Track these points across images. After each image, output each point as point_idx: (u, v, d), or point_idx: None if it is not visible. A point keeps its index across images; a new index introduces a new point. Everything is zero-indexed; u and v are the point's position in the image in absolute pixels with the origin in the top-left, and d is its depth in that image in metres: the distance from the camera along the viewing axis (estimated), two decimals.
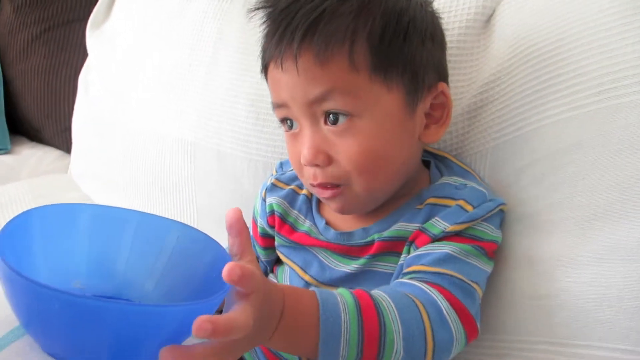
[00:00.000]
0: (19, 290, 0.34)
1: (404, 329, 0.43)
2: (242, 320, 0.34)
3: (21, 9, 1.38)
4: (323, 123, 0.51)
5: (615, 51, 0.50)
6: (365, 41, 0.49)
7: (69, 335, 0.35)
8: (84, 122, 1.13)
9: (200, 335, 0.32)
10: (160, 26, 0.94)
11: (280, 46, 0.50)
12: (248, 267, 0.35)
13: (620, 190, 0.48)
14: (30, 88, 1.38)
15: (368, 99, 0.50)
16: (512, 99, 0.58)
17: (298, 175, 0.58)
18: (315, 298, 0.42)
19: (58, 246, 0.43)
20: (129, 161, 0.95)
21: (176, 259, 0.45)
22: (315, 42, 0.48)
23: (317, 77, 0.49)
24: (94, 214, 0.46)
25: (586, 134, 0.51)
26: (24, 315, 0.37)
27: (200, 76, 0.83)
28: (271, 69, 0.53)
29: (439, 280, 0.48)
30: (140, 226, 0.46)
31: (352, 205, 0.54)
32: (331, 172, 0.52)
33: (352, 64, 0.49)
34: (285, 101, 0.52)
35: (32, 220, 0.40)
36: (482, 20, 0.64)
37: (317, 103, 0.50)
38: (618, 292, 0.47)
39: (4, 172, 1.31)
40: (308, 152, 0.51)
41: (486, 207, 0.52)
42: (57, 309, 0.33)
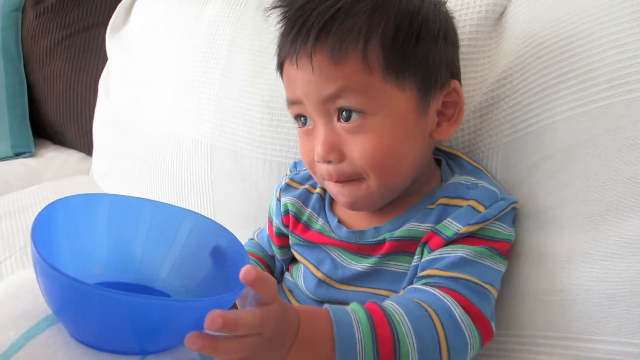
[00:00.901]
0: (54, 283, 0.36)
1: (417, 341, 0.43)
2: (248, 318, 0.36)
3: (43, 15, 1.42)
4: (336, 120, 0.52)
5: (627, 46, 0.50)
6: (378, 41, 0.50)
7: (98, 325, 0.37)
8: (104, 125, 1.16)
9: (211, 328, 0.33)
10: (176, 30, 0.96)
11: (295, 44, 0.51)
12: (264, 273, 0.36)
13: (633, 185, 0.48)
14: (52, 92, 1.42)
15: (381, 99, 0.51)
16: (523, 96, 0.58)
17: (310, 171, 0.58)
18: (329, 318, 0.43)
19: (80, 234, 0.45)
20: (148, 162, 0.97)
21: (190, 245, 0.46)
22: (330, 41, 0.49)
23: (331, 76, 0.50)
24: (112, 204, 0.47)
25: (598, 129, 0.51)
26: (55, 305, 0.39)
27: (216, 79, 0.85)
28: (286, 67, 0.54)
29: (454, 285, 0.48)
30: (156, 214, 0.48)
31: (363, 201, 0.55)
32: (344, 169, 0.52)
33: (366, 63, 0.49)
34: (300, 98, 0.53)
35: (57, 211, 0.42)
36: (493, 17, 0.64)
37: (331, 100, 0.51)
38: (631, 287, 0.47)
39: (28, 174, 1.35)
40: (321, 149, 0.52)
41: (498, 207, 0.52)
42: (90, 302, 0.35)
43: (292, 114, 0.57)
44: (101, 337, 0.38)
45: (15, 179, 1.31)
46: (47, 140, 1.54)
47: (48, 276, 0.36)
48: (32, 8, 1.45)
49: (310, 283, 0.59)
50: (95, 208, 0.46)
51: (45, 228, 0.40)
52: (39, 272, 0.37)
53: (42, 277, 0.37)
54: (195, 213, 0.48)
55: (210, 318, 0.33)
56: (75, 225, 0.44)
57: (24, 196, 1.14)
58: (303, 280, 0.61)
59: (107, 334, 0.38)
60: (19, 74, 1.45)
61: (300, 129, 0.57)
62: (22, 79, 1.45)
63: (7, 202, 1.11)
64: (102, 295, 0.34)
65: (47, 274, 0.36)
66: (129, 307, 0.35)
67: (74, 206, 0.44)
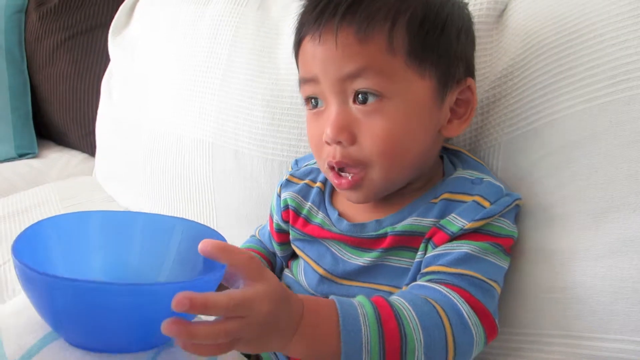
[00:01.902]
0: (35, 286, 0.37)
1: (425, 337, 0.43)
2: (220, 299, 0.35)
3: (46, 17, 1.43)
4: (352, 102, 0.52)
5: (628, 42, 0.50)
6: (405, 25, 0.50)
7: (88, 324, 0.37)
8: (107, 125, 1.17)
9: (179, 309, 0.33)
10: (178, 31, 0.96)
11: (320, 19, 0.51)
12: (230, 245, 0.38)
13: (634, 182, 0.47)
14: (55, 93, 1.43)
15: (401, 83, 0.51)
16: (524, 93, 0.57)
17: (315, 157, 0.58)
18: (336, 309, 0.43)
19: (74, 253, 0.45)
20: (150, 162, 0.98)
21: (182, 252, 0.47)
22: (357, 19, 0.49)
23: (354, 53, 0.50)
24: (103, 220, 0.48)
25: (599, 126, 0.50)
26: (45, 312, 0.39)
27: (217, 79, 0.85)
28: (305, 43, 0.53)
29: (459, 281, 0.48)
30: (147, 226, 0.48)
31: (367, 194, 0.54)
32: (352, 152, 0.52)
33: (391, 45, 0.50)
34: (317, 75, 0.52)
35: (45, 230, 0.43)
36: (494, 15, 0.64)
37: (350, 80, 0.50)
38: (633, 285, 0.46)
39: (32, 175, 1.36)
40: (333, 127, 0.51)
41: (503, 203, 0.52)
42: (71, 297, 0.36)
43: (303, 95, 0.56)
44: (97, 337, 0.39)
45: (19, 179, 1.32)
46: (51, 141, 1.54)
47: (29, 280, 0.37)
48: (35, 10, 1.46)
49: (312, 279, 0.59)
50: (86, 225, 0.47)
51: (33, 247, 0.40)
52: (26, 283, 0.37)
53: (27, 287, 0.38)
54: (184, 219, 0.49)
55: (176, 300, 0.33)
56: (67, 245, 0.45)
57: (28, 197, 1.15)
58: (304, 276, 0.60)
59: (100, 332, 0.38)
60: (22, 75, 1.46)
61: (309, 111, 0.56)
62: (25, 81, 1.46)
63: (10, 202, 1.12)
64: (74, 285, 0.35)
65: (28, 279, 0.36)
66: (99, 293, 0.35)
67: (64, 225, 0.45)
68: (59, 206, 1.10)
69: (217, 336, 0.36)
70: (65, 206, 1.10)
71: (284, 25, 0.79)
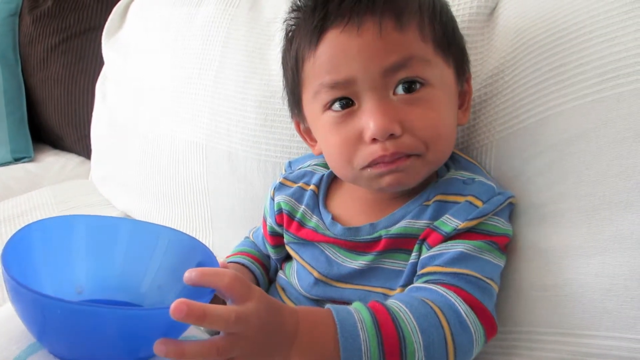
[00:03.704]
0: (24, 302, 0.37)
1: (424, 338, 0.43)
2: (220, 313, 0.35)
3: (40, 20, 1.43)
4: (392, 93, 0.51)
5: (617, 39, 0.50)
6: (430, 16, 0.52)
7: (72, 338, 0.38)
8: (102, 128, 1.17)
9: (176, 315, 0.33)
10: (170, 32, 0.96)
11: (356, 9, 0.49)
12: (210, 270, 0.37)
13: (625, 179, 0.47)
14: (50, 96, 1.43)
15: (437, 69, 0.52)
16: (515, 91, 0.58)
17: (343, 165, 0.54)
18: (332, 318, 0.43)
19: (58, 256, 0.46)
20: (145, 165, 0.98)
21: (168, 261, 0.47)
22: (396, 7, 0.50)
23: (398, 42, 0.49)
24: (89, 224, 0.48)
25: (589, 124, 0.50)
26: (32, 325, 0.40)
27: (210, 80, 0.85)
28: (332, 38, 0.50)
29: (456, 280, 0.48)
30: (133, 233, 0.49)
31: (414, 177, 0.53)
32: (406, 141, 0.50)
33: (423, 34, 0.51)
34: (353, 72, 0.50)
35: (32, 234, 0.43)
36: (485, 13, 0.64)
37: (394, 71, 0.50)
38: (624, 282, 0.46)
39: (28, 179, 1.36)
40: (382, 121, 0.48)
41: (496, 201, 0.52)
42: (59, 316, 0.36)
43: (329, 98, 0.52)
44: (82, 351, 0.39)
45: (15, 183, 1.32)
46: (46, 144, 1.55)
47: (18, 295, 0.37)
48: (28, 13, 1.46)
49: (306, 282, 0.59)
50: (71, 229, 0.47)
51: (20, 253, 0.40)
52: (14, 297, 0.38)
53: (16, 301, 0.38)
54: (170, 229, 0.49)
55: (174, 305, 0.33)
56: (51, 248, 0.45)
57: (24, 201, 1.15)
58: (297, 278, 0.60)
59: (86, 347, 0.38)
60: (16, 79, 1.46)
61: (333, 115, 0.52)
62: (20, 84, 1.47)
63: (7, 207, 1.12)
64: (63, 306, 0.35)
65: (17, 293, 0.37)
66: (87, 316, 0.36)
67: (49, 228, 0.45)
68: (55, 210, 1.10)
69: (208, 353, 0.36)
70: (62, 209, 1.10)
71: (276, 26, 0.79)
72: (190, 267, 0.38)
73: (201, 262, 0.45)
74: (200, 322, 0.34)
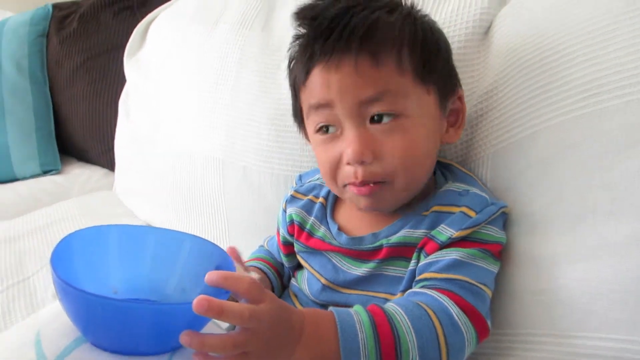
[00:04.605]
0: (72, 300, 0.43)
1: (417, 338, 0.47)
2: (235, 309, 0.40)
3: (66, 41, 1.50)
4: (369, 122, 0.55)
5: (598, 59, 0.53)
6: (409, 48, 0.55)
7: (111, 330, 0.43)
8: (125, 142, 1.23)
9: (197, 310, 0.38)
10: (188, 52, 1.02)
11: (336, 48, 0.54)
12: (231, 273, 0.42)
13: (608, 190, 0.51)
14: (76, 112, 1.50)
15: (413, 100, 0.55)
16: (507, 107, 0.61)
17: (328, 181, 0.60)
18: (334, 319, 0.47)
19: (96, 261, 0.51)
20: (166, 177, 1.03)
21: (190, 265, 0.52)
22: (372, 46, 0.53)
23: (372, 78, 0.53)
24: (121, 233, 0.54)
25: (575, 138, 0.54)
26: (77, 320, 0.45)
27: (226, 98, 0.90)
28: (318, 71, 0.56)
29: (449, 285, 0.52)
30: (159, 239, 0.54)
31: (385, 203, 0.58)
32: (374, 169, 0.55)
33: (400, 67, 0.54)
34: (332, 101, 0.55)
35: (73, 242, 0.49)
36: (480, 33, 0.68)
37: (368, 104, 0.54)
38: (609, 286, 0.50)
39: (56, 190, 1.42)
40: (357, 148, 0.54)
41: (488, 212, 0.56)
42: (101, 311, 0.41)
43: (313, 124, 0.59)
44: (121, 342, 0.44)
45: (44, 195, 1.39)
46: (73, 157, 1.61)
47: (67, 294, 0.42)
48: (55, 34, 1.53)
49: (314, 288, 0.63)
50: (106, 238, 0.52)
51: (64, 259, 0.46)
52: (63, 296, 0.43)
53: (64, 299, 0.43)
54: (192, 235, 0.54)
55: (196, 300, 0.38)
56: (90, 254, 0.50)
57: (52, 212, 1.20)
58: (307, 285, 0.65)
59: (124, 339, 0.43)
60: (45, 96, 1.53)
61: (320, 137, 0.59)
62: (48, 102, 1.54)
63: (36, 217, 1.17)
64: (103, 302, 0.41)
65: (66, 293, 0.42)
66: (125, 310, 0.41)
67: (87, 237, 0.50)
68: (82, 220, 1.15)
69: (225, 346, 0.41)
70: (87, 220, 1.15)
71: (286, 46, 0.84)
72: (210, 270, 0.43)
73: (219, 265, 0.50)
74: (219, 316, 0.39)
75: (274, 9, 0.92)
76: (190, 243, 0.53)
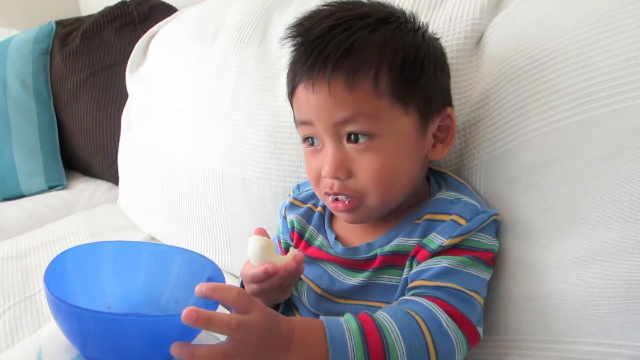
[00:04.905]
0: (65, 315, 0.44)
1: (406, 345, 0.48)
2: (223, 319, 0.41)
3: (69, 58, 1.53)
4: (345, 141, 0.57)
5: (586, 68, 0.54)
6: (388, 70, 0.55)
7: (104, 344, 0.44)
8: (128, 157, 1.25)
9: (186, 321, 0.39)
10: (187, 67, 1.04)
11: (312, 70, 0.55)
12: (220, 284, 0.43)
13: (598, 196, 0.51)
14: (80, 127, 1.52)
15: (388, 121, 0.56)
16: (499, 116, 0.62)
17: (314, 187, 0.63)
18: (323, 327, 0.48)
19: (89, 277, 0.53)
20: (167, 191, 1.05)
21: (182, 278, 0.54)
22: (346, 69, 0.54)
23: (345, 101, 0.55)
24: (114, 249, 0.55)
25: (565, 146, 0.55)
26: (71, 336, 0.46)
27: (224, 112, 0.92)
28: (300, 90, 0.58)
29: (439, 293, 0.53)
30: (152, 254, 0.56)
31: (363, 217, 0.60)
32: (349, 185, 0.57)
33: (376, 90, 0.55)
34: (312, 119, 0.58)
35: (66, 259, 0.50)
36: (472, 43, 0.69)
37: (342, 125, 0.56)
38: (600, 291, 0.50)
39: (61, 205, 1.45)
40: (331, 165, 0.57)
41: (479, 220, 0.56)
42: (93, 325, 0.43)
43: (301, 135, 0.62)
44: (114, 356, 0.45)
45: (50, 210, 1.41)
46: (78, 172, 1.64)
47: (59, 310, 0.44)
48: (59, 51, 1.56)
49: (312, 298, 0.64)
50: (99, 254, 0.54)
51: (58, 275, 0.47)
52: (56, 312, 0.44)
53: (58, 315, 0.45)
54: (183, 249, 0.56)
55: (185, 312, 0.40)
56: (84, 271, 0.52)
57: (59, 227, 1.22)
58: (306, 295, 0.66)
59: (118, 351, 0.44)
60: (49, 113, 1.56)
61: (307, 148, 0.62)
62: (52, 118, 1.56)
63: (43, 233, 1.19)
64: (95, 316, 0.42)
65: (58, 308, 0.43)
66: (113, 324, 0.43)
67: (81, 254, 0.52)
68: (87, 234, 1.17)
69: (214, 356, 0.42)
70: (93, 234, 1.18)
71: (282, 60, 0.85)
72: (201, 282, 0.44)
73: (210, 277, 0.52)
74: (207, 327, 0.41)
75: (270, 23, 0.94)
76: (182, 257, 0.55)
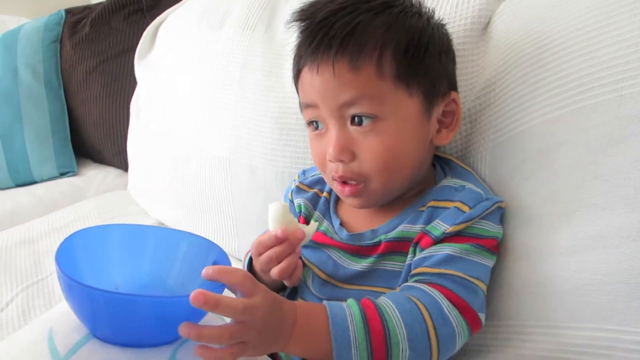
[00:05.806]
0: (76, 295, 0.45)
1: (407, 330, 0.49)
2: (230, 303, 0.42)
3: (79, 45, 1.54)
4: (350, 123, 0.57)
5: (592, 53, 0.53)
6: (392, 52, 0.55)
7: (114, 323, 0.46)
8: (136, 144, 1.26)
9: (194, 303, 0.40)
10: (194, 54, 1.04)
11: (317, 52, 0.56)
12: (227, 267, 0.44)
13: (601, 183, 0.51)
14: (90, 114, 1.54)
15: (391, 103, 0.56)
16: (505, 102, 0.62)
17: (320, 171, 0.64)
18: (326, 312, 0.49)
19: (98, 259, 0.54)
20: (175, 177, 1.06)
21: (188, 261, 0.55)
22: (350, 51, 0.55)
23: (349, 83, 0.55)
24: (122, 232, 0.56)
25: (569, 132, 0.54)
26: (82, 315, 0.47)
27: (231, 99, 0.92)
28: (305, 73, 0.59)
29: (441, 280, 0.53)
30: (159, 237, 0.57)
31: (369, 201, 0.61)
32: (352, 168, 0.58)
33: (380, 72, 0.55)
34: (316, 102, 0.58)
35: (75, 242, 0.51)
36: (479, 28, 0.69)
37: (346, 106, 0.56)
38: (602, 277, 0.50)
39: (73, 192, 1.47)
40: (335, 148, 0.57)
41: (482, 207, 0.57)
42: (103, 304, 0.44)
43: (305, 119, 0.62)
44: (126, 335, 0.46)
45: (61, 196, 1.43)
46: (88, 159, 1.66)
47: (71, 290, 0.45)
48: (68, 39, 1.57)
49: (316, 283, 0.65)
50: (107, 237, 0.55)
51: (68, 256, 0.48)
52: (68, 292, 0.45)
53: (69, 294, 0.46)
54: (190, 233, 0.56)
55: (193, 294, 0.41)
56: (93, 253, 0.53)
57: (70, 212, 1.24)
58: (312, 281, 0.66)
59: (129, 331, 0.46)
60: (60, 100, 1.57)
61: (312, 132, 0.62)
62: (62, 105, 1.57)
63: (55, 219, 1.21)
64: (105, 296, 0.43)
65: (70, 288, 0.44)
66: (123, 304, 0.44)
67: (89, 237, 0.53)
68: (97, 219, 1.19)
69: (222, 337, 0.43)
70: (103, 219, 1.19)
71: (288, 47, 0.85)
72: (207, 265, 0.45)
73: (216, 261, 0.52)
74: (214, 309, 0.42)
75: (277, 9, 0.94)
76: (189, 240, 0.55)
